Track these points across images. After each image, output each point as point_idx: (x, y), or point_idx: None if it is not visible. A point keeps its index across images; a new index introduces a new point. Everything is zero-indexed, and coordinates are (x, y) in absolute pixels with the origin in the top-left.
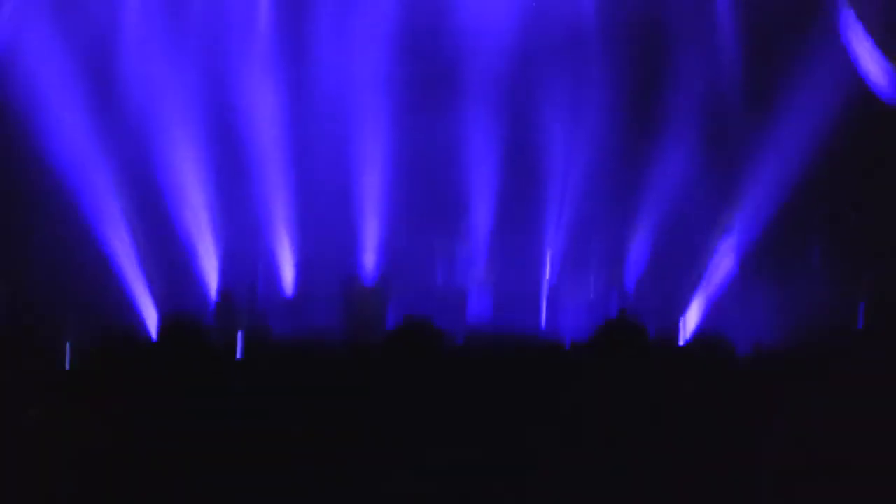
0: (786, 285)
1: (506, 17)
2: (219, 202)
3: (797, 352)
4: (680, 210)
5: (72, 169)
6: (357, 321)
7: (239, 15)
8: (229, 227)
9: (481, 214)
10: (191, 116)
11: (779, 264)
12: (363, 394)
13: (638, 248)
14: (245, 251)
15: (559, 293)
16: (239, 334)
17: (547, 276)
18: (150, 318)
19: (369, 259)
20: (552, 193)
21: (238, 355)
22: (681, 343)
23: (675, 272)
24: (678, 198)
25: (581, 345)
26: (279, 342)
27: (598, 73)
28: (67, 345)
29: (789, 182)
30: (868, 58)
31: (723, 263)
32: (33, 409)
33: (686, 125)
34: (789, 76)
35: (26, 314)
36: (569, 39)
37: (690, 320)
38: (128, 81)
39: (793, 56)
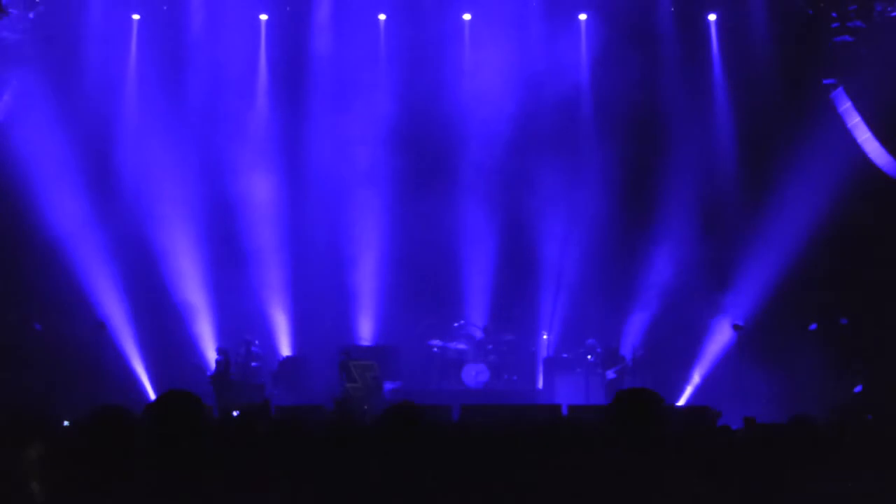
0: (779, 366)
1: (501, 109)
2: (215, 280)
3: (787, 428)
4: (675, 290)
5: (70, 244)
6: (353, 392)
7: (235, 103)
8: (226, 303)
9: (477, 292)
10: (188, 196)
11: (772, 346)
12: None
13: (634, 323)
14: (241, 327)
15: (555, 362)
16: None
17: (544, 344)
18: (149, 391)
19: (365, 332)
20: (548, 273)
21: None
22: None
23: (670, 349)
24: (674, 278)
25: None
26: (276, 414)
27: (594, 159)
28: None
29: (785, 265)
30: (868, 142)
31: (717, 343)
32: (35, 485)
33: (681, 210)
34: (786, 159)
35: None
36: (564, 130)
37: (685, 395)
38: (125, 161)
39: (789, 140)
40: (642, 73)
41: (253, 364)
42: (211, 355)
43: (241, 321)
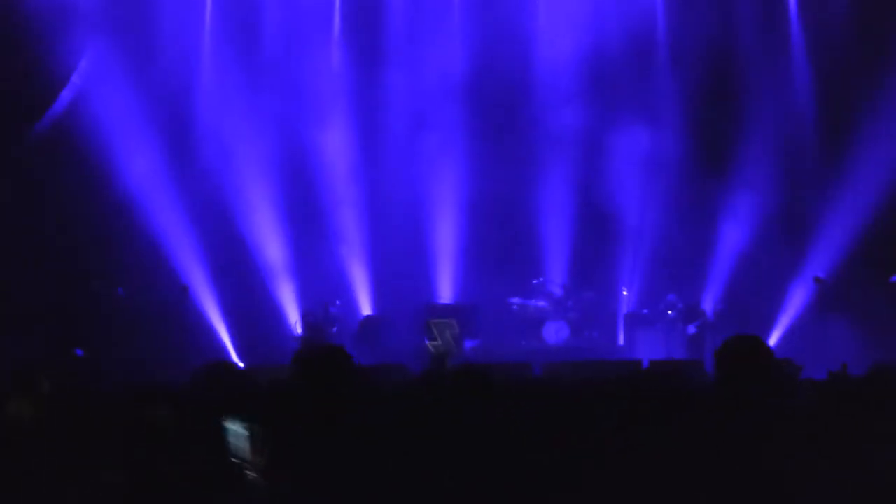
0: (860, 319)
1: (574, 58)
2: (295, 241)
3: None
4: (755, 242)
5: (150, 209)
6: (435, 349)
7: (309, 60)
8: (306, 264)
9: (556, 249)
10: (266, 157)
11: (853, 299)
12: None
13: (714, 277)
14: (322, 287)
15: (635, 318)
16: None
17: (624, 300)
18: (232, 355)
19: (445, 290)
20: (627, 228)
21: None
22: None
23: (751, 302)
24: (753, 230)
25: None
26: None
27: (669, 109)
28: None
29: (866, 217)
30: None
31: (798, 296)
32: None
33: (760, 162)
34: (867, 111)
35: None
36: (638, 79)
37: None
38: (203, 124)
39: (870, 91)
40: (719, 19)
41: (332, 329)
42: (293, 317)
43: (321, 281)
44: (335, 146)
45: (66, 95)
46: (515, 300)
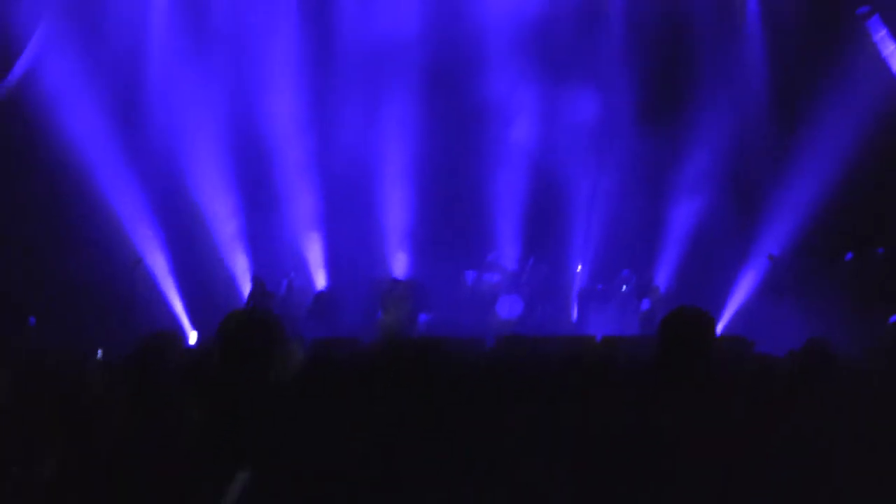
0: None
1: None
2: (248, 215)
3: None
4: (709, 220)
5: (103, 176)
6: (387, 322)
7: (262, 31)
8: (259, 238)
9: (510, 224)
10: (218, 124)
11: (807, 275)
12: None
13: (668, 253)
14: (276, 256)
15: (589, 294)
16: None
17: (578, 275)
18: (185, 322)
19: (399, 265)
20: (581, 204)
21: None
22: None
23: (704, 279)
24: (708, 209)
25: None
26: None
27: (621, 85)
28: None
29: (821, 194)
30: None
31: (751, 273)
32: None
33: (712, 137)
34: (819, 88)
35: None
36: (590, 53)
37: (718, 325)
38: (154, 91)
39: (822, 69)
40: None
41: (297, 296)
42: (246, 289)
43: (275, 255)
44: (286, 118)
45: (17, 70)
46: (469, 274)
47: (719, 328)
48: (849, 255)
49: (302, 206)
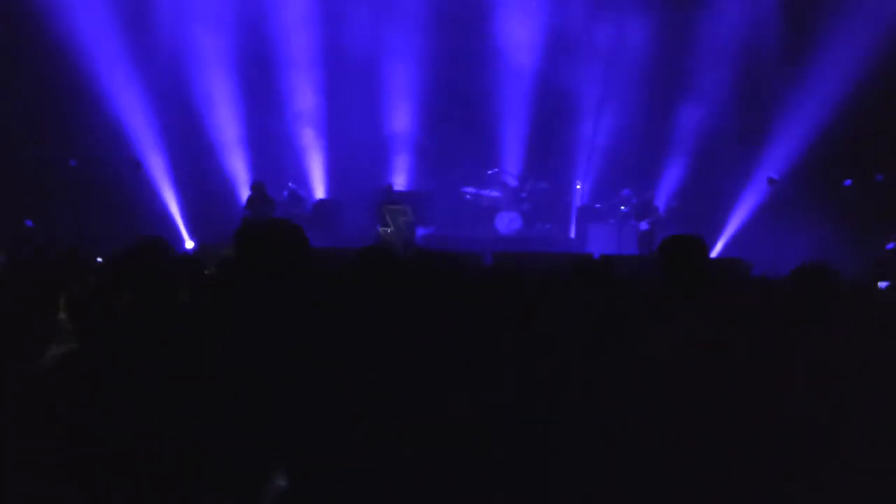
0: (813, 221)
1: None
2: (250, 123)
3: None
4: (711, 142)
5: (106, 76)
6: (388, 232)
7: None
8: (262, 147)
9: (512, 140)
10: (222, 25)
11: (807, 200)
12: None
13: (669, 174)
14: (278, 167)
15: (589, 212)
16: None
17: (578, 193)
18: (183, 232)
19: (400, 177)
20: (583, 123)
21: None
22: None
23: (704, 201)
24: (709, 135)
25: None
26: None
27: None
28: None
29: (821, 121)
30: None
31: (751, 196)
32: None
33: (717, 63)
34: (824, 17)
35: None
36: None
37: (717, 247)
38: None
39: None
40: None
41: (295, 210)
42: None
43: (277, 163)
44: (294, 27)
45: None
46: (470, 189)
47: (717, 249)
48: (847, 182)
49: (304, 116)
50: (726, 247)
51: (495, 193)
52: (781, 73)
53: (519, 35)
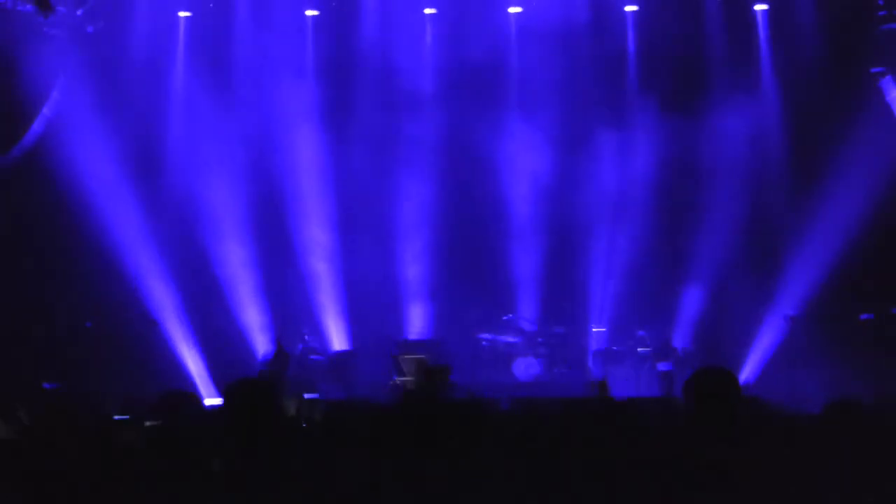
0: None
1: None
2: (265, 276)
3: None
4: (726, 281)
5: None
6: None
7: (283, 96)
8: (277, 300)
9: (527, 285)
10: (236, 191)
11: (825, 337)
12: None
13: (685, 314)
14: (293, 321)
15: (606, 355)
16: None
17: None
18: (202, 382)
19: (415, 326)
20: (597, 265)
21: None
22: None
23: (722, 340)
24: (724, 268)
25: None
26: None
27: (638, 148)
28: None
29: (837, 255)
30: None
31: (769, 334)
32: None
33: (729, 200)
34: (834, 148)
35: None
36: (613, 111)
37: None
38: (174, 157)
39: (838, 129)
40: (689, 63)
41: (312, 357)
42: (262, 349)
43: (292, 316)
44: (306, 182)
45: (37, 127)
46: (486, 335)
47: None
48: (865, 316)
49: (319, 268)
50: (745, 387)
51: (512, 339)
52: (794, 211)
53: (526, 174)
